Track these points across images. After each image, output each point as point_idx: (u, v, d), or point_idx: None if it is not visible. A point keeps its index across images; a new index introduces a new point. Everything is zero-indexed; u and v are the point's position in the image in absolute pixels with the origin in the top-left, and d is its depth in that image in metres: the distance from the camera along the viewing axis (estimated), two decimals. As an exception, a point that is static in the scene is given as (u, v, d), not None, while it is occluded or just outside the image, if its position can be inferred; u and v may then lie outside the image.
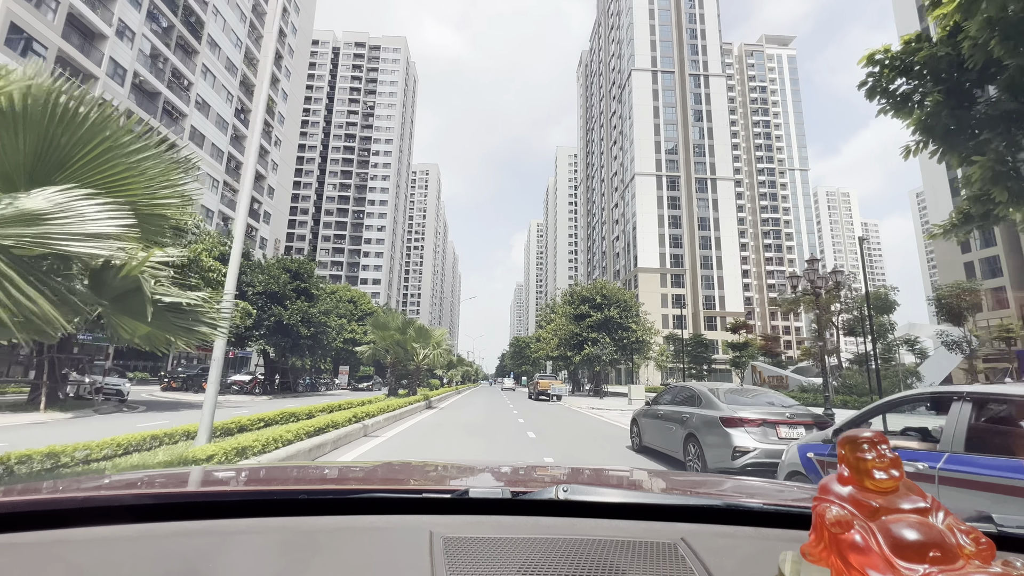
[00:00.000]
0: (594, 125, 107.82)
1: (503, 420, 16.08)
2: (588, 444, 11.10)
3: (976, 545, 0.54)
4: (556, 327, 37.06)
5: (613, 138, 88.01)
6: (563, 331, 35.71)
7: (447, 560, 0.73)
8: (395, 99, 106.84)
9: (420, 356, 18.25)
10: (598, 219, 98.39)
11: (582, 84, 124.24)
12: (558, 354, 36.60)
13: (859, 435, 0.60)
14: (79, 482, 1.13)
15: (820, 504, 0.59)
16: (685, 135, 75.79)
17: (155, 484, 1.18)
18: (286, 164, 56.08)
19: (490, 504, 0.96)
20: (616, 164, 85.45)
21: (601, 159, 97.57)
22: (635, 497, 1.04)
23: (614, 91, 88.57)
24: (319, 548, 0.77)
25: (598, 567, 0.73)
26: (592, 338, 34.48)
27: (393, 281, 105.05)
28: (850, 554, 0.53)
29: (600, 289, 35.95)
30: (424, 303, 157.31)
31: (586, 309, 35.30)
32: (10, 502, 0.87)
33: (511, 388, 65.94)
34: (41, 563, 0.71)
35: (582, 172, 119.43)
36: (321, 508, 0.94)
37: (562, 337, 35.92)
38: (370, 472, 1.50)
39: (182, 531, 0.82)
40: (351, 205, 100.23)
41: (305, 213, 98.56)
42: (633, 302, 35.92)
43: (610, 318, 34.70)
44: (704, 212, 73.28)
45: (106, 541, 0.78)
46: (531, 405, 23.79)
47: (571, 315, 35.72)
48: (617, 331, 34.24)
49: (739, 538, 0.89)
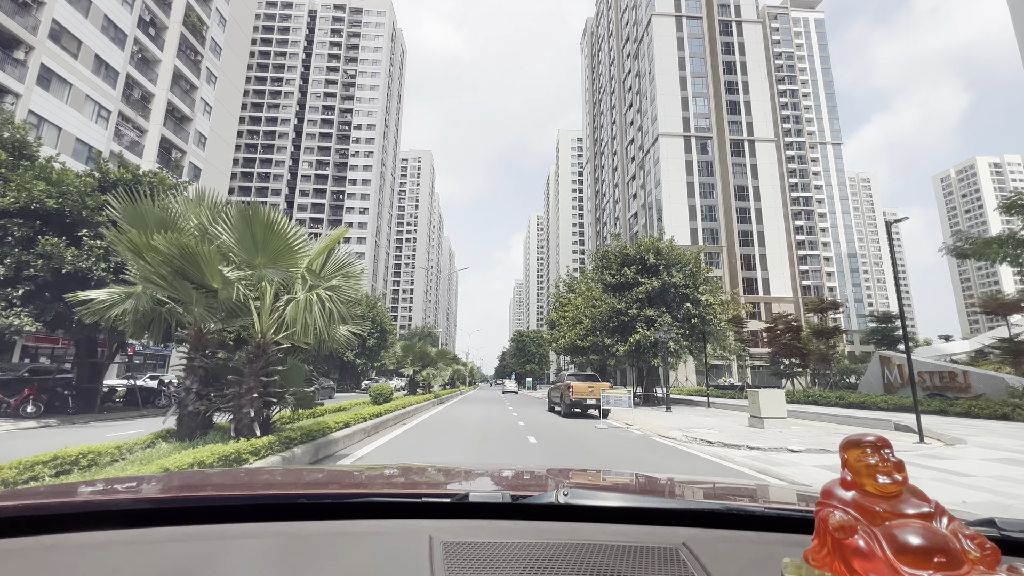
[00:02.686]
0: (603, 96, 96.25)
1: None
2: None
3: (981, 550, 0.53)
4: (586, 304, 25.18)
5: (628, 101, 76.38)
6: (600, 308, 23.82)
7: (447, 565, 0.72)
8: (379, 67, 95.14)
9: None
10: (609, 198, 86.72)
11: (587, 55, 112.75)
12: (589, 343, 25.00)
13: (862, 439, 0.60)
14: (75, 487, 1.11)
15: (823, 509, 0.58)
16: (716, 90, 64.21)
17: (152, 488, 1.16)
18: (227, 112, 44.18)
19: (490, 508, 0.95)
20: (632, 130, 73.81)
21: (613, 130, 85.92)
22: (636, 501, 1.04)
23: (628, 48, 77.01)
24: (318, 553, 0.76)
25: (599, 572, 0.72)
26: (646, 317, 22.40)
27: (379, 272, 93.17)
28: (854, 559, 0.52)
29: (652, 246, 23.99)
30: (417, 300, 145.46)
31: (632, 275, 23.39)
32: (7, 506, 0.86)
33: (513, 391, 54.91)
34: (37, 569, 0.70)
35: (588, 151, 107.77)
36: (320, 512, 0.93)
37: (598, 318, 23.88)
38: (369, 476, 1.46)
39: (180, 536, 0.81)
40: (329, 185, 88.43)
41: (277, 194, 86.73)
42: (699, 266, 24.52)
43: (670, 286, 22.79)
44: (741, 179, 61.66)
45: (102, 546, 0.76)
46: (566, 432, 12.17)
47: (609, 285, 24.51)
48: (681, 306, 22.94)
49: (741, 543, 0.88)
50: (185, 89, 38.36)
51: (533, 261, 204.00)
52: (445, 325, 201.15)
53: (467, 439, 10.42)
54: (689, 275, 23.15)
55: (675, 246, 24.43)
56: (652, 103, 64.86)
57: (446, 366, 25.70)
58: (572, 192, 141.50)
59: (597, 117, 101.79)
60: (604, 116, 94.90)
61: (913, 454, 9.05)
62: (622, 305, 22.97)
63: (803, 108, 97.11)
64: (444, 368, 25.60)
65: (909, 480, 0.59)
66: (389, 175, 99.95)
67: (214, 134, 41.32)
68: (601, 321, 23.66)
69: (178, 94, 37.27)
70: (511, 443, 9.84)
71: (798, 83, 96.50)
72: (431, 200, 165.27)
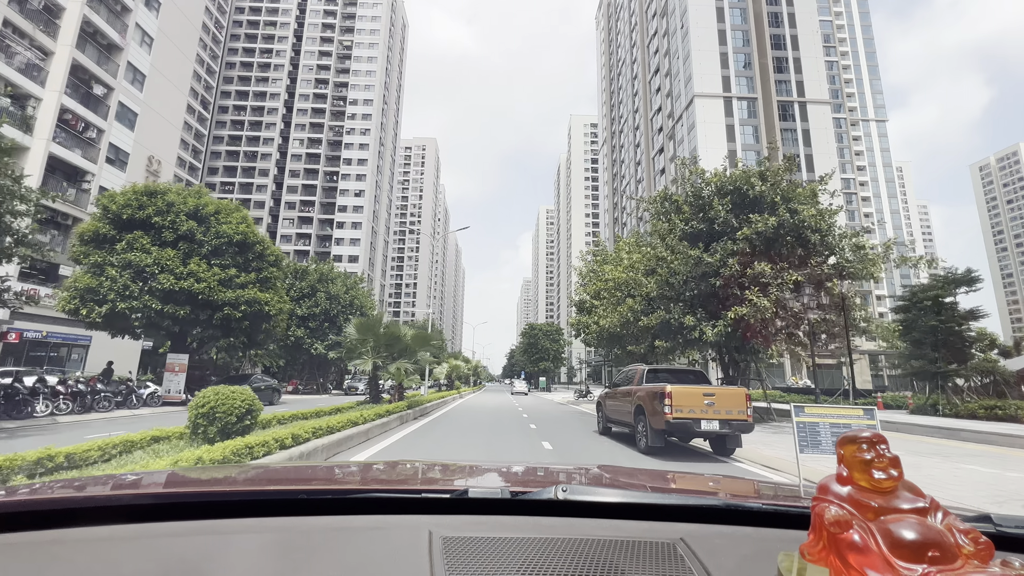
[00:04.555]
0: (622, 68, 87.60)
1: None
2: None
3: (975, 545, 0.54)
4: (644, 264, 16.37)
5: (655, 66, 67.70)
6: (675, 265, 14.68)
7: (446, 560, 0.73)
8: (378, 38, 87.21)
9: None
10: (630, 179, 78.06)
11: (603, 29, 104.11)
12: (652, 323, 15.53)
13: (858, 435, 0.60)
14: (78, 482, 1.11)
15: (819, 504, 0.59)
16: (760, 45, 55.38)
17: (154, 484, 1.16)
18: (176, 50, 36.19)
19: (489, 504, 0.96)
20: (659, 97, 65.16)
21: (635, 102, 77.24)
22: (634, 497, 1.03)
23: (655, 6, 68.36)
24: (318, 548, 0.77)
25: (597, 567, 0.73)
26: (755, 279, 13.27)
27: (376, 261, 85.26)
28: (849, 554, 0.53)
29: (752, 172, 15.17)
30: (421, 295, 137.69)
31: (724, 214, 14.65)
32: (10, 502, 0.86)
33: (523, 392, 47.06)
34: (40, 563, 0.71)
35: (605, 131, 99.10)
36: (320, 508, 0.94)
37: (669, 282, 14.87)
38: (369, 472, 1.45)
39: (181, 531, 0.81)
40: (322, 165, 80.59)
41: (265, 174, 79.10)
42: (818, 206, 15.03)
43: (791, 229, 13.93)
44: (791, 147, 52.75)
45: (105, 541, 0.77)
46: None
47: (682, 235, 15.47)
48: (808, 256, 13.98)
49: (738, 538, 0.88)
50: (114, 10, 30.45)
51: (543, 256, 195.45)
52: (452, 323, 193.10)
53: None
54: (817, 216, 14.25)
55: (779, 169, 15.47)
56: (685, 61, 56.21)
57: (436, 358, 17.22)
58: (585, 181, 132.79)
59: (615, 94, 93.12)
60: (623, 91, 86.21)
61: None
62: (712, 259, 14.20)
63: (843, 82, 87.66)
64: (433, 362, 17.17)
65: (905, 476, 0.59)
66: (389, 157, 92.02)
67: (157, 73, 33.35)
68: (671, 288, 14.89)
69: (104, 15, 29.36)
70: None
71: (837, 54, 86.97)
72: (436, 191, 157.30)
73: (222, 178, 78.19)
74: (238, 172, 78.61)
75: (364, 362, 14.49)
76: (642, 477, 1.60)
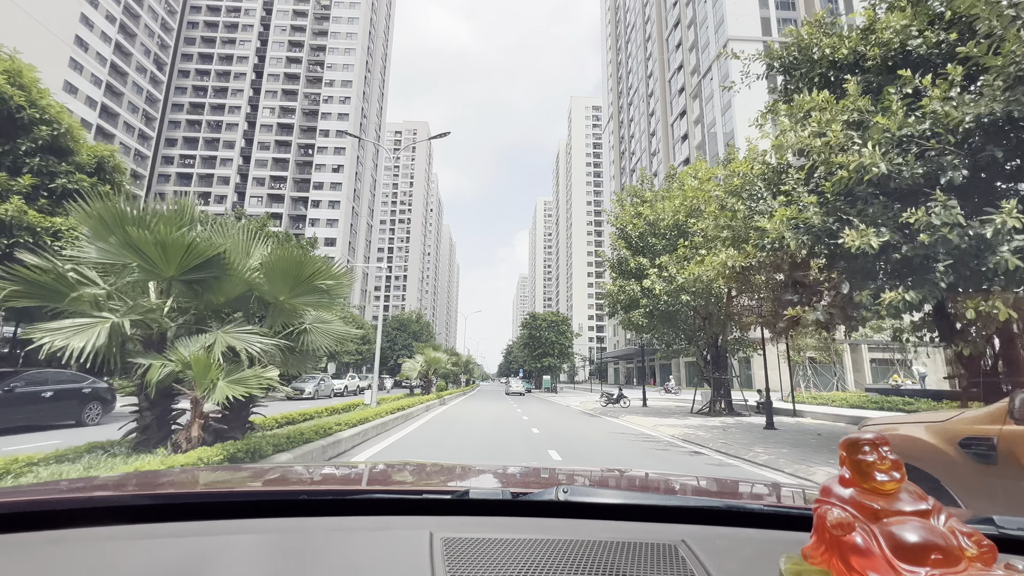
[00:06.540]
0: (632, 33, 79.04)
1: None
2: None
3: (978, 547, 0.54)
4: (825, 124, 7.29)
5: (675, 18, 59.12)
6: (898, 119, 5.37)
7: (447, 561, 0.72)
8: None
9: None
10: (642, 153, 69.53)
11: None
12: (869, 242, 5.40)
13: (860, 437, 0.59)
14: (79, 482, 1.12)
15: (821, 506, 0.58)
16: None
17: (155, 484, 1.17)
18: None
19: (490, 505, 0.96)
20: (681, 53, 56.61)
21: (649, 66, 68.68)
22: (636, 498, 1.03)
23: (674, -49, 59.76)
24: (319, 549, 0.76)
25: (598, 569, 0.73)
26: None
27: (358, 247, 76.26)
28: (851, 556, 0.52)
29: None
30: (411, 287, 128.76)
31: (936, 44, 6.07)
32: (10, 502, 0.86)
33: (519, 392, 41.06)
34: (41, 563, 0.71)
35: (612, 107, 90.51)
36: (321, 509, 0.94)
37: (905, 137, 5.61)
38: (370, 473, 1.45)
39: (182, 531, 0.82)
40: (296, 136, 71.50)
41: (230, 147, 69.93)
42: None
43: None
44: (844, 101, 44.21)
45: (106, 541, 0.77)
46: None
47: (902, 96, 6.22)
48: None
49: (740, 540, 0.88)
50: None
51: (540, 250, 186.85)
52: (445, 319, 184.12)
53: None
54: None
55: None
56: (715, 4, 47.67)
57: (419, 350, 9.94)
58: (587, 167, 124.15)
59: (623, 64, 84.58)
60: (633, 59, 77.67)
61: None
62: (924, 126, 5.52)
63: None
64: (354, 336, 8.48)
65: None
66: (373, 133, 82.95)
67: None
68: (926, 161, 5.94)
69: None
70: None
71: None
72: (427, 179, 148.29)
73: (181, 150, 68.99)
74: (200, 144, 69.40)
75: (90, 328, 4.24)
76: (643, 479, 1.58)
